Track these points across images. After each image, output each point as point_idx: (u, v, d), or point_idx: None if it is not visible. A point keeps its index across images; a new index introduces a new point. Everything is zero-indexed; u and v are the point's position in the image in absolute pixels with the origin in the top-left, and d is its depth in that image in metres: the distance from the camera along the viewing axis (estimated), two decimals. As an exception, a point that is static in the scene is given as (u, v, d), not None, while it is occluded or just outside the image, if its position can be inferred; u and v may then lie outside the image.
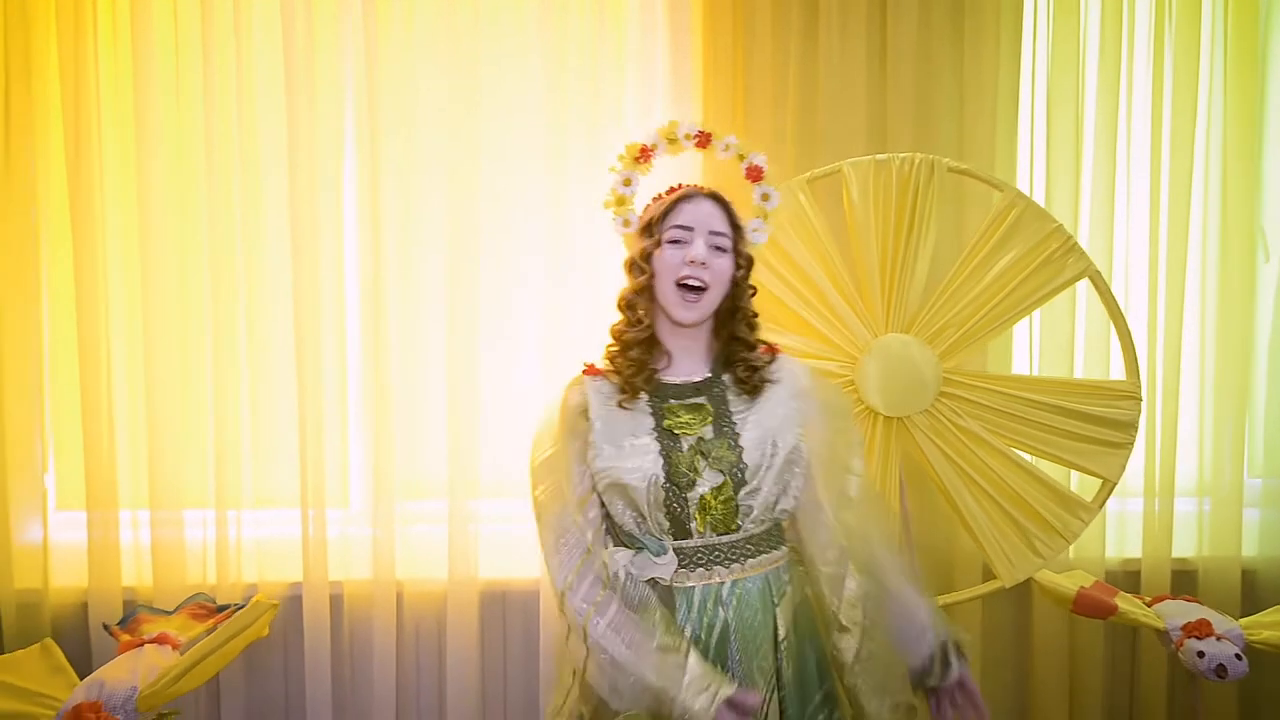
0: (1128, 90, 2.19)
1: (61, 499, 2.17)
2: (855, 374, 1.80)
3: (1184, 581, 2.23)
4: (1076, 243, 1.79)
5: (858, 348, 1.81)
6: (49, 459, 2.13)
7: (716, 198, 1.34)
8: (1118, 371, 2.18)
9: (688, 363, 1.35)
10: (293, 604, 2.10)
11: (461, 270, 2.09)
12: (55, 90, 2.04)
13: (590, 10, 2.10)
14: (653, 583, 1.25)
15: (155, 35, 2.03)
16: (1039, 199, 2.14)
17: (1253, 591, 2.21)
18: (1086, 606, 1.79)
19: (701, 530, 1.26)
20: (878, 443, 1.80)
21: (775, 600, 1.29)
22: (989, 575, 2.08)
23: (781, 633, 1.29)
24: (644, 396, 1.31)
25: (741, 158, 1.41)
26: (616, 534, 1.30)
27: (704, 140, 1.40)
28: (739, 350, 1.34)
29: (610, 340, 1.36)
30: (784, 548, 1.34)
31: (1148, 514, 2.20)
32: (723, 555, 1.27)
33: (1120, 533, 2.25)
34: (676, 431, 1.28)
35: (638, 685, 1.18)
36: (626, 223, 1.39)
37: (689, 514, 1.25)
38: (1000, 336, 2.00)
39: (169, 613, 1.79)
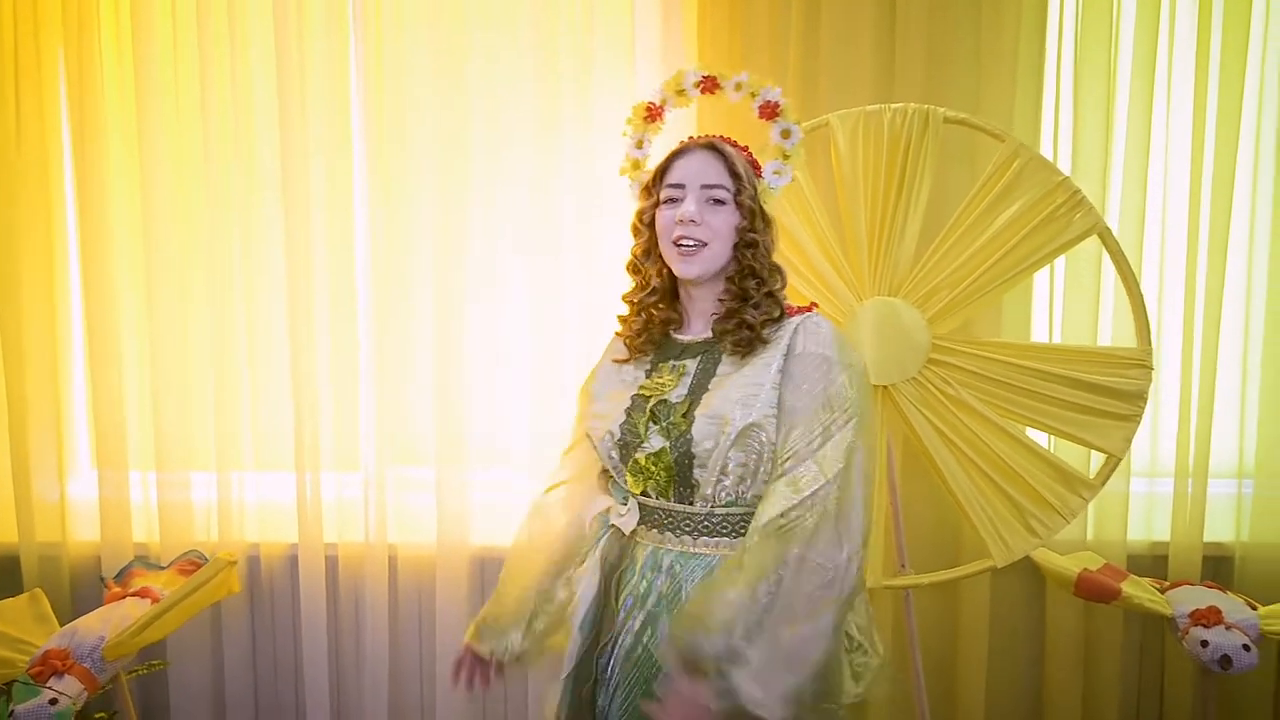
0: (1168, 43, 1.99)
1: (78, 459, 2.28)
2: (839, 340, 1.70)
3: (1219, 568, 2.06)
4: (1084, 197, 1.65)
5: (843, 312, 1.71)
6: (68, 421, 2.23)
7: (713, 147, 1.25)
8: (1155, 341, 2.02)
9: (699, 321, 1.30)
10: (290, 563, 2.16)
11: (450, 239, 2.08)
12: (59, 70, 2.12)
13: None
14: (619, 531, 1.26)
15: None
16: (1064, 164, 1.99)
17: (1299, 580, 2.03)
18: (1088, 589, 1.67)
19: (636, 491, 1.24)
20: (862, 412, 1.71)
21: None
22: (976, 552, 1.97)
23: None
24: (650, 356, 1.30)
25: (754, 95, 1.32)
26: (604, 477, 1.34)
27: (710, 85, 1.32)
28: (735, 304, 1.24)
29: (626, 307, 1.34)
30: None
31: (1179, 495, 2.04)
32: (675, 523, 1.23)
33: (1148, 515, 2.10)
34: (645, 393, 1.25)
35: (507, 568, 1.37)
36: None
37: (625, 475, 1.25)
38: (997, 300, 1.86)
39: (162, 568, 1.85)
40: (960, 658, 2.11)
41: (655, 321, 1.29)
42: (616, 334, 1.36)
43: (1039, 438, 1.82)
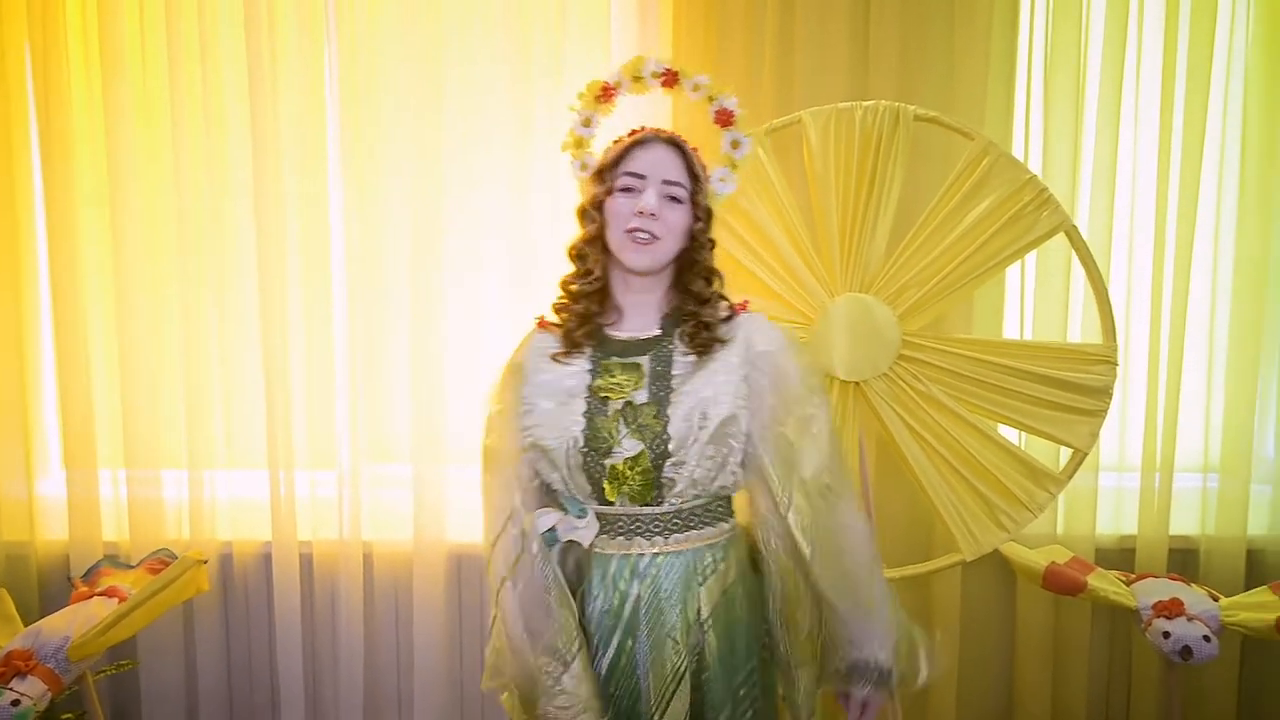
0: (1137, 41, 2.03)
1: (46, 457, 2.24)
2: (811, 336, 1.72)
3: (1185, 560, 2.10)
4: (1052, 195, 1.67)
5: (814, 308, 1.72)
6: (36, 418, 2.20)
7: (675, 143, 1.24)
8: (1122, 338, 2.05)
9: (639, 319, 1.27)
10: (264, 562, 2.15)
11: (426, 234, 2.07)
12: (25, 66, 2.08)
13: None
14: (573, 545, 1.20)
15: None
16: (1034, 162, 2.02)
17: (1258, 571, 2.07)
18: (1055, 582, 1.69)
19: (613, 499, 1.20)
20: (833, 409, 1.72)
21: (700, 578, 1.22)
22: (945, 546, 1.99)
23: (705, 612, 1.21)
24: (587, 352, 1.24)
25: (711, 99, 1.31)
26: (547, 492, 1.26)
27: (671, 79, 1.31)
28: (690, 305, 1.25)
29: (559, 292, 1.29)
30: (725, 524, 1.26)
31: (1145, 490, 2.07)
32: (644, 527, 1.21)
33: (1116, 509, 2.13)
34: (604, 394, 1.21)
35: (518, 673, 1.19)
36: (584, 166, 1.31)
37: (603, 483, 1.20)
38: (967, 296, 1.88)
39: (131, 566, 1.83)
40: (933, 650, 2.13)
41: (590, 315, 1.25)
42: (549, 326, 1.28)
43: (1009, 433, 1.85)
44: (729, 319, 1.26)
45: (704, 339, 1.22)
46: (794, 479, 1.20)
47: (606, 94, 1.31)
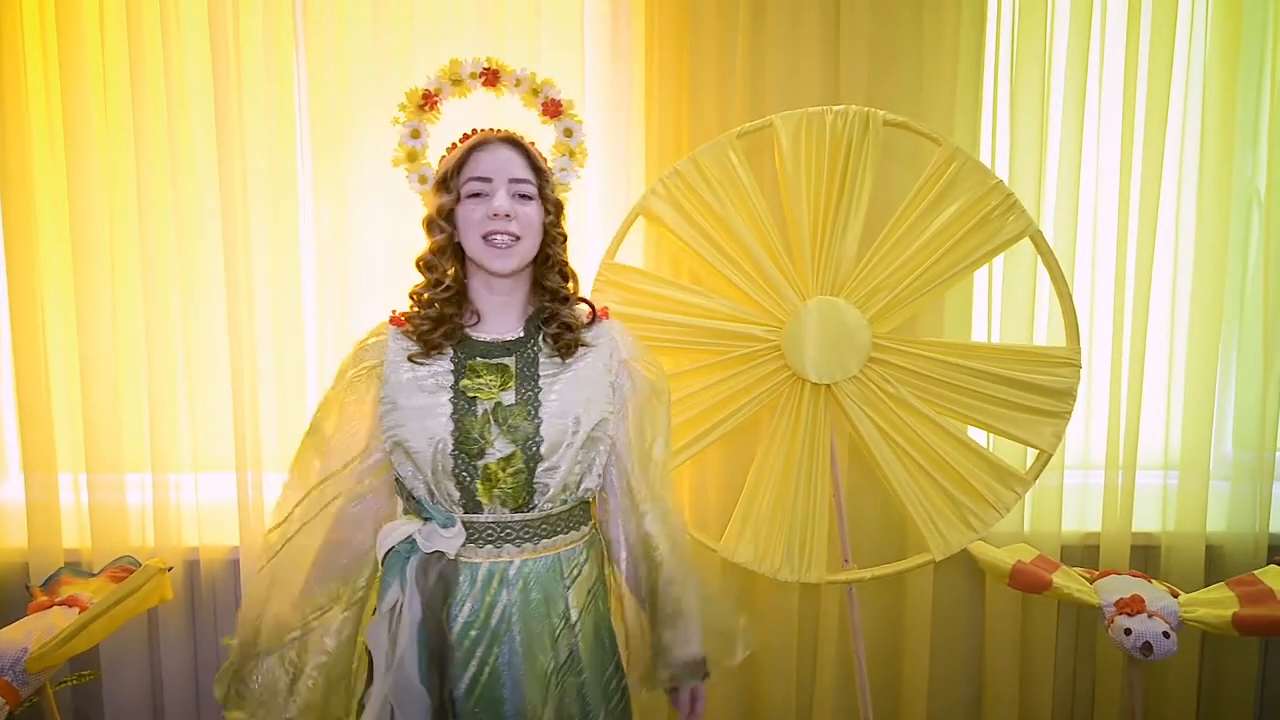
0: (1099, 48, 2.07)
1: (4, 461, 2.19)
2: (782, 339, 1.73)
3: (1146, 557, 2.15)
4: (1017, 200, 1.69)
5: (785, 311, 1.73)
6: (-7, 422, 2.15)
7: (513, 141, 1.24)
8: (1087, 340, 2.09)
9: (500, 320, 1.26)
10: (233, 567, 2.11)
11: (396, 232, 2.05)
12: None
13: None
14: (438, 555, 1.17)
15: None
16: (1002, 165, 2.05)
17: (1216, 566, 2.13)
18: (1022, 581, 1.72)
19: (487, 502, 1.18)
20: (804, 410, 1.74)
21: (567, 581, 1.22)
22: (915, 546, 2.02)
23: (574, 615, 1.21)
24: (449, 353, 1.22)
25: (535, 93, 1.31)
26: (406, 500, 1.23)
27: (491, 78, 1.30)
28: (551, 305, 1.26)
29: (410, 303, 1.28)
30: (585, 526, 1.27)
31: (1109, 487, 2.12)
32: (514, 534, 1.19)
33: (1081, 506, 2.18)
34: (472, 395, 1.19)
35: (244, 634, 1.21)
36: (423, 179, 1.29)
37: (475, 485, 1.17)
38: (937, 299, 1.91)
39: (93, 574, 1.79)
40: (905, 649, 2.16)
41: (447, 317, 1.24)
42: (404, 326, 1.25)
43: (975, 435, 1.87)
44: (592, 324, 1.28)
45: (567, 340, 1.23)
46: (650, 484, 1.27)
47: (429, 101, 1.30)
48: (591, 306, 1.30)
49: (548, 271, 1.27)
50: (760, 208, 1.74)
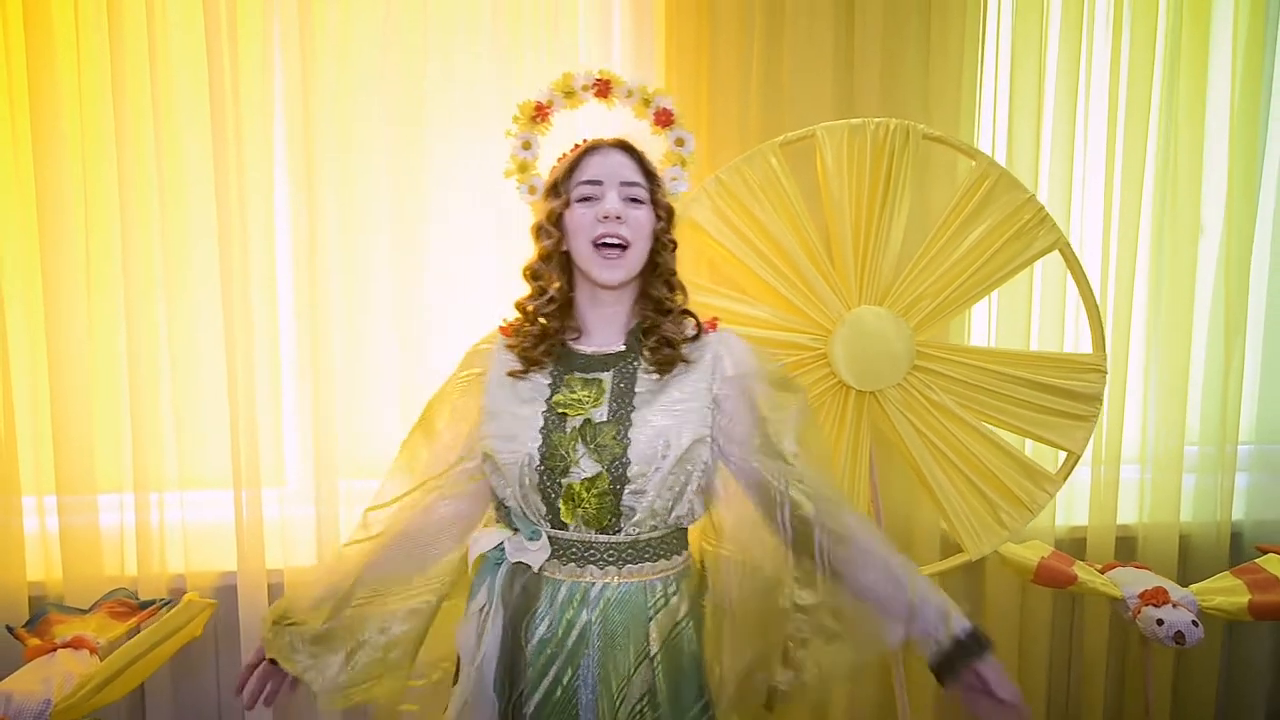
0: (1087, 64, 2.19)
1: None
2: (827, 347, 1.74)
3: (1125, 548, 2.30)
4: (1048, 214, 1.77)
5: (830, 320, 1.75)
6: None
7: (626, 146, 1.22)
8: (1072, 343, 2.22)
9: (604, 333, 1.23)
10: (226, 595, 1.94)
11: (407, 240, 1.95)
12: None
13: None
14: (524, 567, 1.16)
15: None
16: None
17: (1188, 556, 2.30)
18: (1047, 577, 1.81)
19: (569, 521, 1.15)
20: (849, 417, 1.76)
21: (653, 611, 1.17)
22: (946, 548, 2.10)
23: (654, 648, 1.16)
24: (548, 367, 1.20)
25: (647, 103, 1.29)
26: (497, 508, 1.21)
27: (604, 89, 1.28)
28: (653, 316, 1.21)
29: (516, 314, 1.25)
30: (678, 557, 1.21)
31: (1095, 482, 2.25)
32: (598, 555, 1.16)
33: (1068, 501, 2.31)
34: (562, 410, 1.16)
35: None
36: (532, 189, 1.27)
37: (559, 504, 1.15)
38: (970, 308, 1.98)
39: (84, 611, 1.61)
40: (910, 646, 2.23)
41: (550, 332, 1.22)
42: (500, 332, 1.26)
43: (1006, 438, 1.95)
44: (695, 338, 1.22)
45: (666, 355, 1.18)
46: (784, 462, 1.16)
47: (541, 113, 1.29)
48: (698, 320, 1.25)
49: (655, 281, 1.23)
50: (803, 216, 1.75)
